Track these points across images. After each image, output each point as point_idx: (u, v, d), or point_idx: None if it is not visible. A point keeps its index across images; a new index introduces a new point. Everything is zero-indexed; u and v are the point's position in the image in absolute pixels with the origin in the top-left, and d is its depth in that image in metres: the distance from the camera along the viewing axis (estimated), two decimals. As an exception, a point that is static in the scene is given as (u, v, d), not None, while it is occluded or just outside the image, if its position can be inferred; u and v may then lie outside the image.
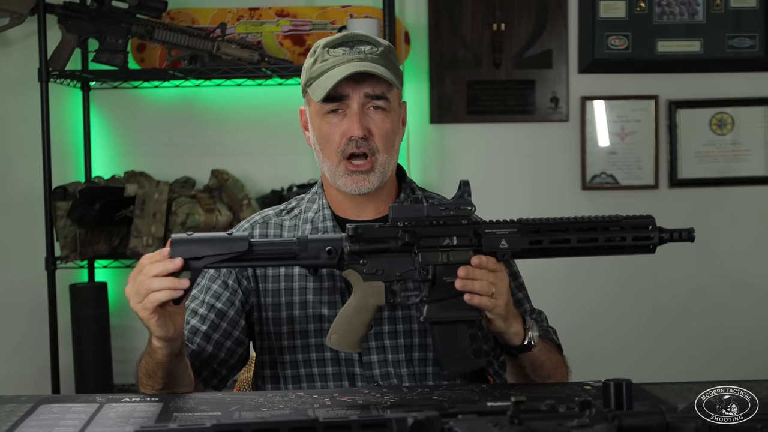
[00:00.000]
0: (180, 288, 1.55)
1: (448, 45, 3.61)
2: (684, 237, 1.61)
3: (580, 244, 1.61)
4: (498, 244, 1.61)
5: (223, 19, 3.46)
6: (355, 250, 1.60)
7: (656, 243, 1.61)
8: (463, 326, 1.61)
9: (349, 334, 1.63)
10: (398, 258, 1.61)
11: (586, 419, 1.03)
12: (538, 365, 1.73)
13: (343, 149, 1.77)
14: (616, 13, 3.61)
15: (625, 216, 1.62)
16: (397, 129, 1.82)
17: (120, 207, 3.26)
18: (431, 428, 1.03)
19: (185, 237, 1.57)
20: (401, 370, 1.80)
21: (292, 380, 1.82)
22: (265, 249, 1.59)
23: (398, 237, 1.60)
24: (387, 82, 1.76)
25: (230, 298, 1.83)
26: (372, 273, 1.61)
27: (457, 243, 1.60)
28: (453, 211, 1.61)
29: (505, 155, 3.64)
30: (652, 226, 1.61)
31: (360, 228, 1.60)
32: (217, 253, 1.56)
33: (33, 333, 3.48)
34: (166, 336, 1.61)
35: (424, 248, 1.60)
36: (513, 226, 1.61)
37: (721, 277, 3.65)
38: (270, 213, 1.92)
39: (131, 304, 1.60)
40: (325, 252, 1.59)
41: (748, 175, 3.66)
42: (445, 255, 1.60)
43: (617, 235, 1.60)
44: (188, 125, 3.57)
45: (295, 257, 1.59)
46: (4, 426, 1.46)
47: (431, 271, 1.60)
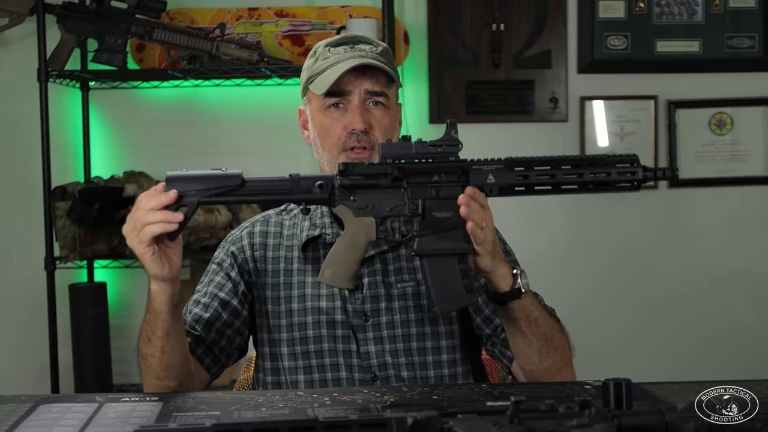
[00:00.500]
0: (174, 221, 1.58)
1: (448, 45, 3.61)
2: (667, 175, 1.64)
3: (566, 178, 1.63)
4: (485, 179, 1.64)
5: (222, 19, 3.46)
6: (345, 184, 1.63)
7: (640, 179, 1.64)
8: (453, 260, 1.62)
9: (341, 269, 1.65)
10: (388, 193, 1.64)
11: (586, 419, 1.03)
12: (533, 319, 1.71)
13: (344, 142, 1.81)
14: (615, 13, 3.61)
15: (610, 155, 1.65)
16: (395, 125, 1.87)
17: (119, 207, 3.26)
18: (431, 428, 1.03)
19: (180, 174, 1.60)
20: (399, 360, 1.82)
21: (290, 372, 1.84)
22: (258, 185, 1.62)
23: (388, 173, 1.63)
24: (386, 80, 1.82)
25: (233, 289, 1.87)
26: (363, 208, 1.64)
27: (445, 179, 1.63)
28: (441, 149, 1.64)
29: (505, 155, 3.63)
30: (636, 163, 1.64)
31: (350, 165, 1.63)
32: (211, 187, 1.59)
33: (32, 333, 3.48)
34: (162, 274, 1.62)
35: (413, 184, 1.63)
36: (500, 163, 1.65)
37: (721, 276, 3.65)
38: (271, 212, 1.97)
39: (128, 241, 1.61)
40: (316, 186, 1.62)
41: (748, 175, 3.66)
42: (434, 190, 1.63)
43: (602, 171, 1.63)
44: (188, 125, 3.57)
45: (287, 192, 1.62)
46: (4, 426, 1.46)
47: (421, 205, 1.62)
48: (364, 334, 1.82)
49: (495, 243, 1.64)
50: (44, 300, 3.24)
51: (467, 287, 1.62)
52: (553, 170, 1.63)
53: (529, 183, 1.64)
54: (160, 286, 1.65)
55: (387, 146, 1.64)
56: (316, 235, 1.87)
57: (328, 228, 1.86)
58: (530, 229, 3.54)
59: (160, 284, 1.64)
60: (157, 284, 1.64)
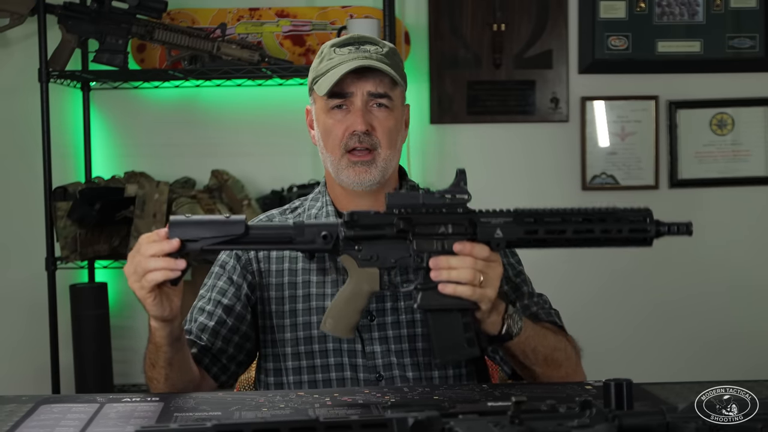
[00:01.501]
0: (176, 269, 1.57)
1: (449, 45, 3.61)
2: (682, 230, 1.59)
3: (576, 236, 1.59)
4: (493, 233, 1.60)
5: (223, 19, 3.46)
6: (350, 235, 1.60)
7: (653, 236, 1.59)
8: (457, 314, 1.61)
9: (343, 319, 1.63)
10: (393, 245, 1.61)
11: (587, 419, 1.03)
12: (530, 350, 1.71)
13: (346, 143, 1.80)
14: (616, 14, 3.61)
15: (622, 208, 1.60)
16: (399, 127, 1.86)
17: (120, 207, 3.26)
18: (432, 428, 1.03)
19: (183, 219, 1.58)
20: (405, 360, 1.82)
21: (293, 372, 1.84)
22: (262, 233, 1.60)
23: (393, 224, 1.60)
24: (390, 81, 1.80)
25: (236, 293, 1.86)
26: (367, 259, 1.61)
27: (452, 231, 1.60)
28: (449, 200, 1.60)
29: (506, 156, 3.64)
30: (649, 219, 1.60)
31: (356, 214, 1.61)
32: (215, 235, 1.57)
33: (33, 333, 3.48)
34: (162, 315, 1.62)
35: (419, 235, 1.60)
36: (509, 216, 1.61)
37: (722, 276, 3.65)
38: (275, 212, 1.96)
39: (129, 283, 1.61)
40: (320, 237, 1.60)
41: (748, 175, 3.66)
42: (440, 243, 1.60)
43: (614, 227, 1.59)
44: (188, 126, 3.57)
45: (291, 241, 1.60)
46: (5, 426, 1.46)
47: (426, 258, 1.60)
48: (369, 334, 1.82)
49: (495, 298, 1.62)
50: (45, 300, 3.24)
51: (469, 341, 1.61)
52: (563, 225, 1.59)
53: (538, 239, 1.61)
54: (159, 324, 1.65)
55: (394, 196, 1.61)
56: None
57: None
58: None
59: (160, 323, 1.64)
60: (157, 322, 1.64)
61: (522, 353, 1.72)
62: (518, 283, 1.89)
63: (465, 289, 1.58)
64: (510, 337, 1.68)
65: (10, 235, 3.56)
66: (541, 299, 1.90)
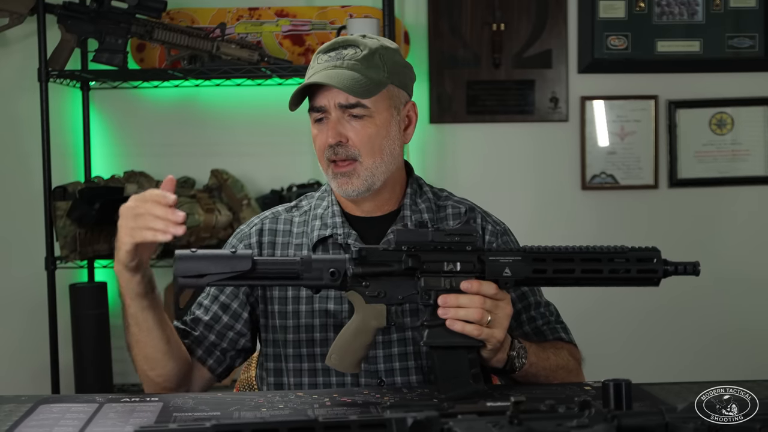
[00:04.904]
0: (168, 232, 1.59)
1: (448, 45, 3.61)
2: (689, 270, 1.61)
3: (585, 275, 1.61)
4: (501, 271, 1.61)
5: (222, 19, 3.46)
6: (358, 272, 1.61)
7: (661, 276, 1.61)
8: (463, 351, 1.61)
9: (349, 355, 1.63)
10: (401, 281, 1.62)
11: (586, 419, 1.03)
12: (531, 376, 1.74)
13: (328, 156, 1.80)
14: (615, 13, 3.61)
15: (630, 247, 1.62)
16: (384, 132, 1.82)
17: (120, 207, 3.25)
18: (431, 428, 1.03)
19: (189, 254, 1.58)
20: (409, 363, 1.81)
21: (294, 373, 1.83)
22: (268, 268, 1.61)
23: (402, 261, 1.60)
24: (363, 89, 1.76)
25: (234, 291, 1.86)
26: (374, 296, 1.62)
27: (460, 269, 1.60)
28: (457, 237, 1.60)
29: (505, 155, 3.64)
30: (657, 259, 1.61)
31: (364, 250, 1.61)
32: (221, 270, 1.58)
33: (33, 333, 3.48)
34: (127, 261, 1.64)
35: (427, 273, 1.60)
36: (517, 254, 1.61)
37: (721, 276, 3.64)
38: (280, 209, 1.95)
39: (120, 223, 1.65)
40: (328, 273, 1.60)
41: (748, 175, 3.66)
42: (448, 280, 1.60)
43: (622, 267, 1.60)
44: (188, 125, 3.57)
45: (298, 277, 1.60)
46: (4, 426, 1.46)
47: (434, 296, 1.60)
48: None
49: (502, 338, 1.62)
50: (45, 300, 3.24)
51: (474, 376, 1.62)
52: (572, 264, 1.60)
53: (546, 278, 1.62)
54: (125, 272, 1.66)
55: (403, 233, 1.61)
56: (327, 235, 1.85)
57: (340, 228, 1.85)
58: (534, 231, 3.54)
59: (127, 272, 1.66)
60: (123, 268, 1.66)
61: (524, 379, 1.74)
62: (525, 291, 1.89)
63: (473, 328, 1.58)
64: (513, 371, 1.70)
65: (10, 235, 3.55)
66: (548, 310, 1.90)
